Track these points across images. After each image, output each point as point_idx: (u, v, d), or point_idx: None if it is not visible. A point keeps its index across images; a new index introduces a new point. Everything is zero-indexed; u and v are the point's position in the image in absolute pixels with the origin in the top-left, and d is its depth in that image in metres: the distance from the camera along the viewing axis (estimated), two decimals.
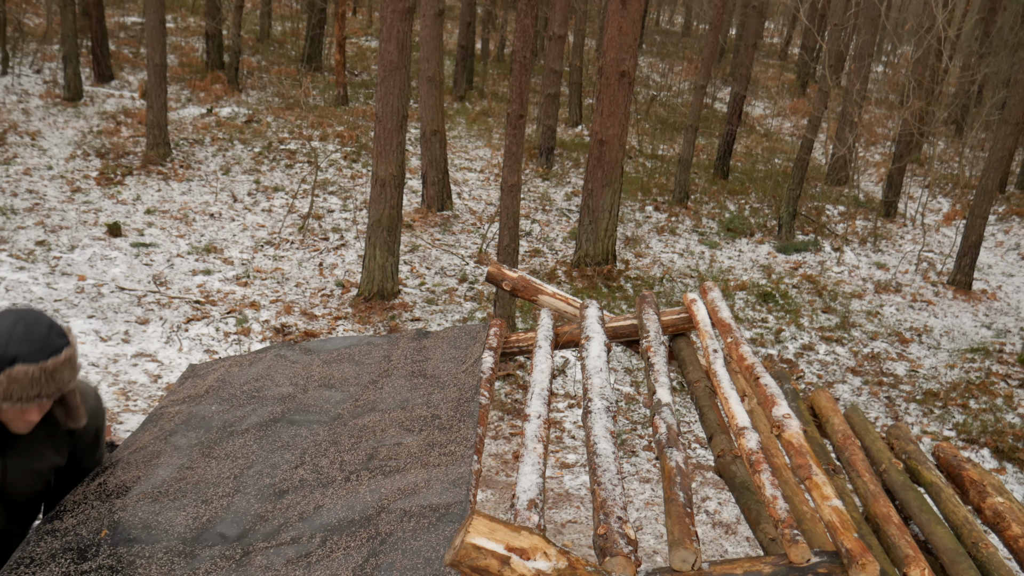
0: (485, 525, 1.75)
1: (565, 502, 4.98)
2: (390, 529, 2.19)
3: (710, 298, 3.67)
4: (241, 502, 2.38)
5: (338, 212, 9.69)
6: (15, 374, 2.03)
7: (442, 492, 2.33)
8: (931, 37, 10.88)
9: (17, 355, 2.03)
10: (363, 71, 17.43)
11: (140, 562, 2.13)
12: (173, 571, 2.09)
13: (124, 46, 16.09)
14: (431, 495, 2.32)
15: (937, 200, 13.02)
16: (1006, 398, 6.97)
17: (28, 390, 2.05)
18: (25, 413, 2.10)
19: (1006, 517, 2.79)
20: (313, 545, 2.16)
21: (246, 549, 2.17)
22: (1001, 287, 9.71)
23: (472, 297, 7.85)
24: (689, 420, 6.11)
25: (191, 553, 2.16)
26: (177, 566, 2.11)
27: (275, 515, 2.32)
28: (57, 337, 2.08)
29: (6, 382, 2.02)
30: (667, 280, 8.81)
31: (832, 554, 2.14)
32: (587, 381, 2.91)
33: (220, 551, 2.17)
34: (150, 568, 2.11)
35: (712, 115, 17.16)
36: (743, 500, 2.81)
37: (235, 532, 2.25)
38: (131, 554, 2.16)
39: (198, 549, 2.18)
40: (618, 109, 8.34)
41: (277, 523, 2.28)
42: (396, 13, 6.73)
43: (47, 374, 2.06)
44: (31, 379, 2.04)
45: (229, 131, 12.08)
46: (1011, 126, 9.07)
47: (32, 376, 2.04)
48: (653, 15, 29.02)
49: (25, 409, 2.09)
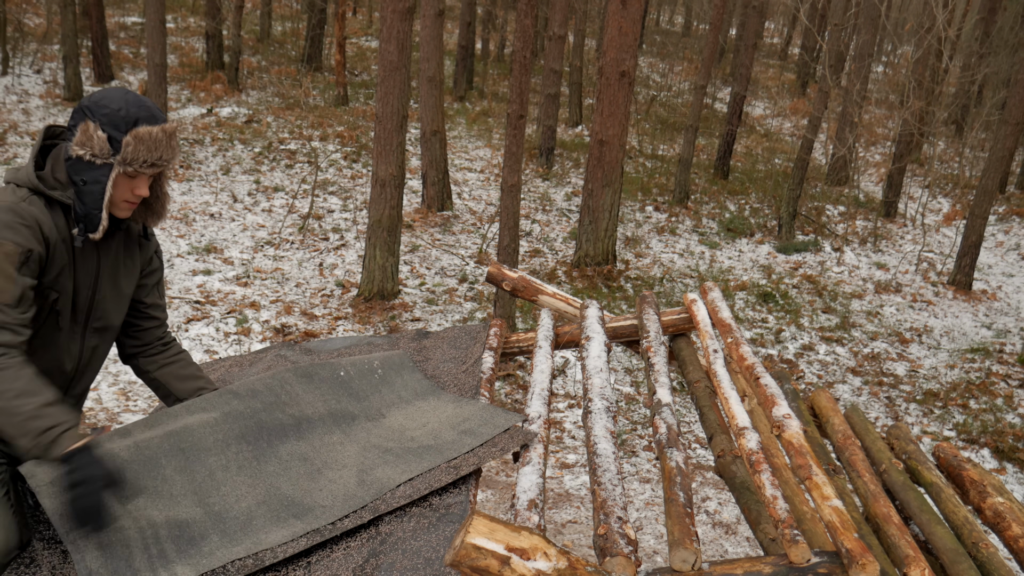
0: (485, 525, 1.75)
1: (565, 502, 4.98)
2: (390, 529, 2.19)
3: (710, 298, 3.67)
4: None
5: (338, 212, 9.69)
6: (140, 134, 2.07)
7: (442, 492, 2.33)
8: (931, 37, 10.88)
9: (139, 117, 2.08)
10: (363, 71, 17.43)
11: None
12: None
13: (124, 46, 16.09)
14: (432, 495, 2.32)
15: (937, 200, 13.02)
16: (1006, 398, 6.96)
17: (152, 152, 2.10)
18: (136, 187, 2.14)
19: (1006, 517, 2.79)
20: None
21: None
22: (1001, 287, 9.71)
23: (472, 297, 7.85)
24: (689, 420, 6.11)
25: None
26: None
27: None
28: (158, 108, 2.16)
29: (133, 142, 2.07)
30: (667, 280, 8.81)
31: (832, 554, 2.14)
32: (587, 381, 2.91)
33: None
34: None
35: (712, 115, 17.15)
36: (743, 500, 2.81)
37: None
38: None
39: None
40: (618, 109, 8.34)
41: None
42: (396, 13, 6.74)
43: (168, 135, 2.12)
44: (155, 140, 2.09)
45: (229, 131, 12.08)
46: (1011, 126, 9.07)
47: (155, 137, 2.10)
48: (653, 15, 29.02)
49: (138, 181, 2.13)
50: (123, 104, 2.08)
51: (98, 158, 2.07)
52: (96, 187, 2.09)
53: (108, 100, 2.08)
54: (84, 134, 2.06)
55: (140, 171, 2.12)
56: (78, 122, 2.08)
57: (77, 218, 2.13)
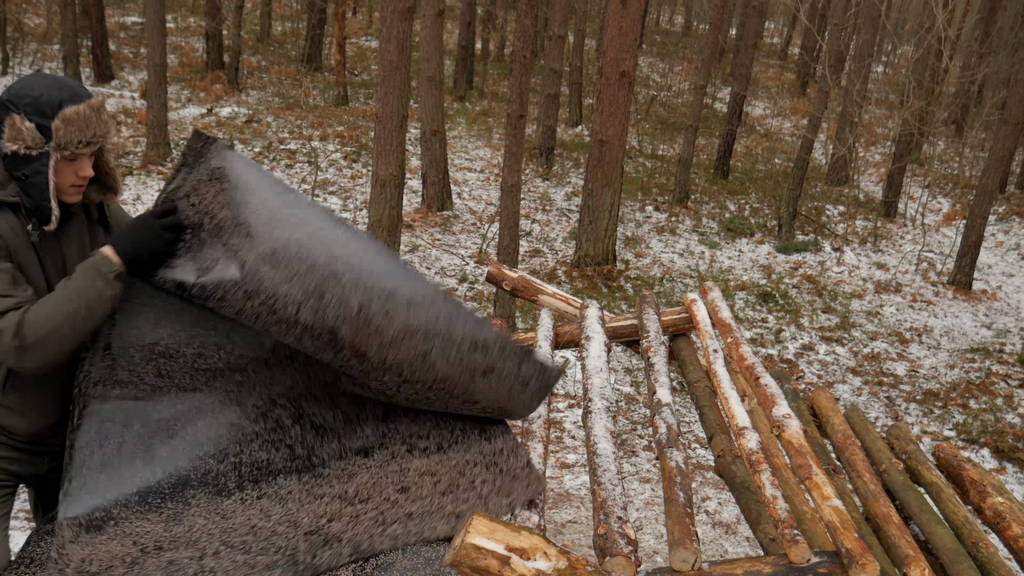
0: (485, 525, 1.75)
1: (565, 502, 4.98)
2: None
3: (710, 298, 3.67)
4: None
5: (338, 212, 9.69)
6: (68, 115, 2.04)
7: None
8: (931, 37, 10.88)
9: (62, 99, 2.04)
10: (363, 71, 17.43)
11: None
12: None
13: (124, 46, 16.09)
14: None
15: (937, 200, 13.02)
16: (1006, 398, 6.97)
17: (84, 131, 2.06)
18: (79, 169, 2.11)
19: (1006, 517, 2.79)
20: None
21: None
22: (1001, 287, 9.71)
23: (472, 297, 7.85)
24: (689, 420, 6.11)
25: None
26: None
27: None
28: (80, 85, 2.12)
29: (63, 126, 2.03)
30: (667, 280, 8.81)
31: (832, 554, 2.14)
32: (587, 381, 2.91)
33: None
34: None
35: (712, 115, 17.16)
36: (743, 500, 2.81)
37: None
38: None
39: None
40: (618, 109, 8.34)
41: None
42: (396, 13, 6.73)
43: (95, 111, 2.08)
44: (84, 118, 2.05)
45: (229, 131, 12.08)
46: (1011, 126, 9.07)
47: (84, 115, 2.05)
48: (653, 15, 29.02)
49: (80, 163, 2.10)
50: (43, 89, 2.04)
51: (32, 149, 2.04)
52: (39, 178, 2.06)
53: (27, 88, 2.04)
54: (12, 128, 2.02)
55: (78, 152, 2.08)
56: (2, 117, 2.04)
57: (28, 213, 2.09)
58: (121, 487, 2.08)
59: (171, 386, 2.22)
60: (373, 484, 2.26)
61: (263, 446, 2.27)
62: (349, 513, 2.16)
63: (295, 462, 2.28)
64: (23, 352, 2.00)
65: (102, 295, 2.06)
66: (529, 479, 2.23)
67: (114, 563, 1.99)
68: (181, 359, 2.22)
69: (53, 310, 2.01)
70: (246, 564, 2.02)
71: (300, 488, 2.23)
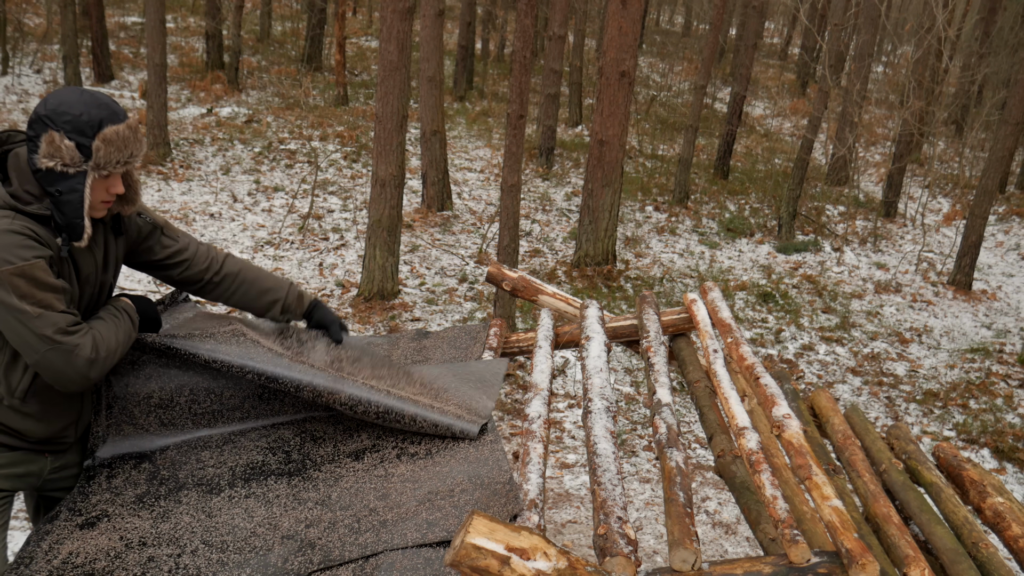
0: (485, 525, 1.75)
1: (565, 502, 4.98)
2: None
3: (710, 298, 3.67)
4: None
5: (338, 212, 9.69)
6: (108, 136, 2.05)
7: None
8: (931, 37, 10.88)
9: (102, 118, 2.05)
10: (363, 71, 17.43)
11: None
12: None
13: (124, 46, 16.09)
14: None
15: (937, 200, 13.02)
16: (1006, 398, 6.97)
17: (123, 151, 2.08)
18: (111, 186, 2.13)
19: (1006, 517, 2.79)
20: None
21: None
22: (1001, 287, 9.71)
23: (472, 297, 7.85)
24: (689, 420, 6.11)
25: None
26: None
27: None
28: (115, 102, 2.15)
29: (103, 146, 2.04)
30: (667, 280, 8.81)
31: (832, 554, 2.14)
32: (587, 381, 2.91)
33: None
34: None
35: (712, 115, 17.15)
36: (743, 500, 2.81)
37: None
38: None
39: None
40: (618, 109, 8.34)
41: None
42: (396, 13, 6.73)
43: (132, 131, 2.10)
44: (123, 139, 2.07)
45: (229, 131, 12.08)
46: (1011, 126, 9.07)
47: (123, 135, 2.07)
48: (653, 15, 29.02)
49: (112, 180, 2.13)
50: (83, 108, 2.03)
51: (70, 167, 2.04)
52: (74, 196, 2.06)
53: (66, 105, 2.03)
54: (50, 145, 2.01)
55: (114, 171, 2.10)
56: (39, 132, 2.02)
57: (59, 228, 2.10)
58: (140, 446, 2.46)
59: (176, 432, 2.48)
60: (356, 491, 2.32)
61: (261, 451, 2.45)
62: (328, 520, 2.22)
63: (289, 465, 2.41)
64: (93, 366, 2.11)
65: (131, 336, 2.32)
66: (507, 497, 2.21)
67: (98, 556, 2.09)
68: (176, 407, 2.44)
69: (116, 335, 2.20)
70: (219, 562, 2.09)
71: (288, 492, 2.32)
